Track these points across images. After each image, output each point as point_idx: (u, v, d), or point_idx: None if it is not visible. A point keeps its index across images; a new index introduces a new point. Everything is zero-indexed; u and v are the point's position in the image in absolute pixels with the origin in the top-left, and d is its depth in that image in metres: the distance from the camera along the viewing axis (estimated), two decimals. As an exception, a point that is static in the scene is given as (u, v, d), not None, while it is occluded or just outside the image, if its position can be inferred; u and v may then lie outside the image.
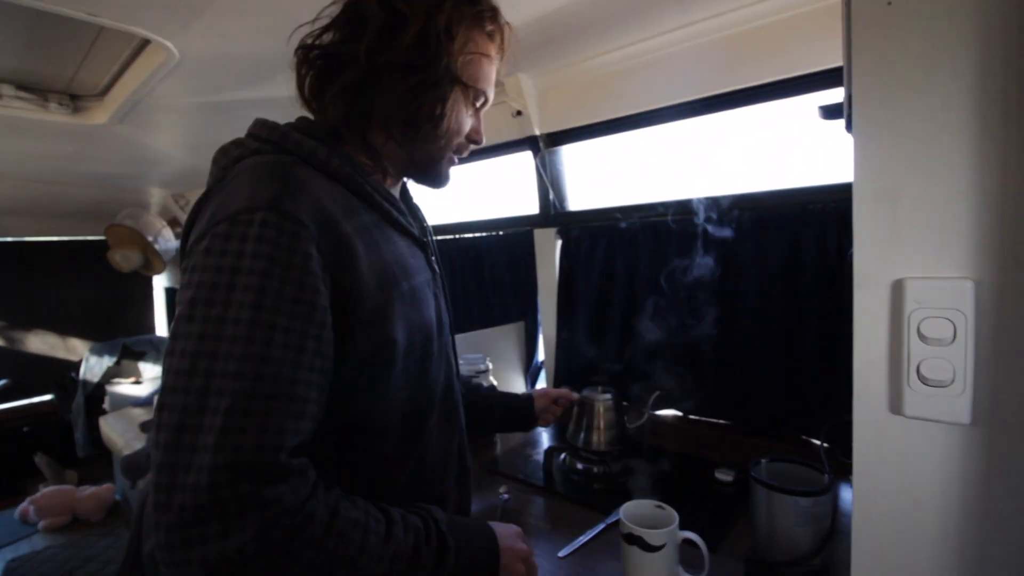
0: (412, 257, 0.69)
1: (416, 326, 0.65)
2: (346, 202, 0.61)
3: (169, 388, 0.48)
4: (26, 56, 1.47)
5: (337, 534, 0.50)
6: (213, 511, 0.44)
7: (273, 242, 0.50)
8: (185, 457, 0.46)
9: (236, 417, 0.46)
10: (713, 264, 1.37)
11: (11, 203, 2.94)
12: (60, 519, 2.77)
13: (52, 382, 3.35)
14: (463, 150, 0.75)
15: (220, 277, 0.49)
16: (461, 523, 0.66)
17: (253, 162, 0.59)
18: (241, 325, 0.48)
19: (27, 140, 2.01)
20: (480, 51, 0.69)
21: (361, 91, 0.64)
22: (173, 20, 1.14)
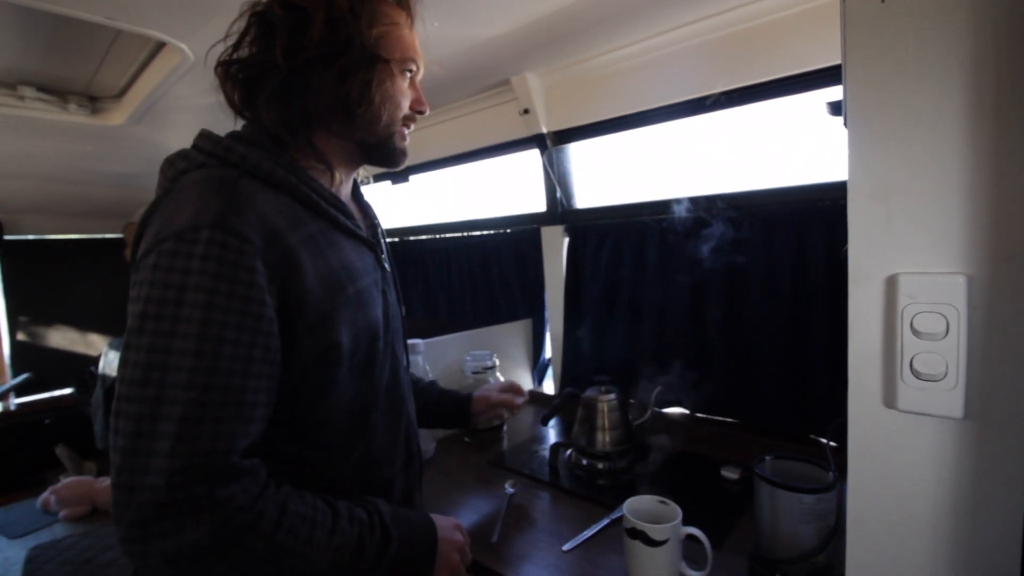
0: (359, 260, 0.71)
1: (362, 328, 0.67)
2: (291, 212, 0.62)
3: (124, 397, 0.52)
4: (46, 59, 1.51)
5: (286, 529, 0.55)
6: (170, 510, 0.48)
7: (219, 259, 0.53)
8: (142, 461, 0.49)
9: (189, 425, 0.50)
10: (720, 262, 1.37)
11: (32, 202, 3.02)
12: (80, 509, 2.84)
13: (72, 376, 3.43)
14: (409, 122, 0.76)
15: (168, 293, 0.52)
16: (404, 515, 0.70)
17: (198, 176, 0.60)
18: (190, 340, 0.51)
19: (48, 140, 2.07)
20: (390, 21, 0.69)
21: (289, 94, 0.65)
22: (187, 22, 1.17)
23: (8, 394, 3.25)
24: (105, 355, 3.34)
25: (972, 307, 0.40)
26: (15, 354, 3.34)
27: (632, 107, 1.40)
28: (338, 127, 0.69)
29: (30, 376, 3.31)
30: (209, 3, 1.10)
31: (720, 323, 1.40)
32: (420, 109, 0.76)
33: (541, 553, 0.97)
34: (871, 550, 0.45)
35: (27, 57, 1.49)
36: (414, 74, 0.75)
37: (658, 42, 1.27)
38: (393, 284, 0.82)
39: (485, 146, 1.71)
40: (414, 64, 0.73)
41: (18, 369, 3.33)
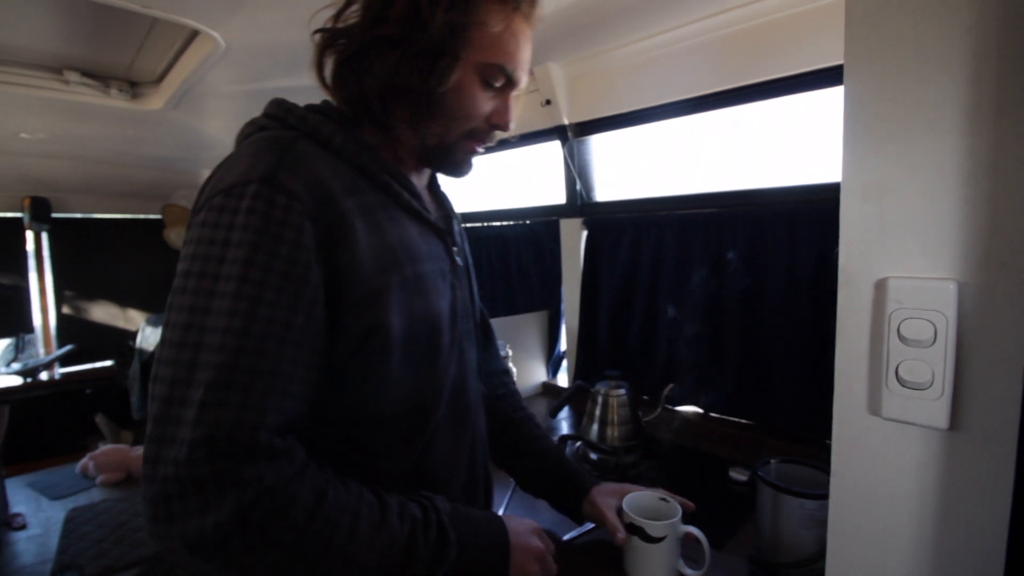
0: (424, 243, 0.64)
1: (419, 316, 0.61)
2: (350, 179, 0.58)
3: (161, 360, 0.48)
4: (90, 45, 1.58)
5: (323, 519, 0.48)
6: (192, 486, 0.44)
7: (264, 215, 0.49)
8: (170, 430, 0.45)
9: (216, 391, 0.45)
10: (740, 260, 1.34)
11: (78, 182, 3.17)
12: (116, 475, 2.99)
13: (112, 349, 3.61)
14: (483, 136, 0.68)
15: (212, 250, 0.49)
16: (469, 515, 0.61)
17: (256, 137, 0.58)
18: (227, 298, 0.47)
19: (91, 123, 2.16)
20: (481, 19, 0.60)
21: (355, 69, 0.61)
22: (218, 10, 1.20)
23: (54, 364, 3.44)
24: (142, 330, 3.50)
25: (962, 315, 0.39)
26: (60, 326, 3.53)
27: (656, 99, 1.38)
28: (396, 116, 0.63)
29: (74, 347, 3.50)
30: (239, -8, 1.13)
31: (737, 322, 1.37)
32: (499, 124, 0.66)
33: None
34: (851, 558, 0.45)
35: (71, 43, 1.56)
36: (504, 87, 0.65)
37: (683, 33, 1.24)
38: (467, 281, 0.75)
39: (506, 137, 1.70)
40: (502, 73, 0.63)
41: (63, 340, 3.52)
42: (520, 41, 0.64)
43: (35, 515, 2.66)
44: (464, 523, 0.60)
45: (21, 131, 2.25)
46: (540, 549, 0.67)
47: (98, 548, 2.33)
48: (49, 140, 2.42)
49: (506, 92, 0.66)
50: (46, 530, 2.51)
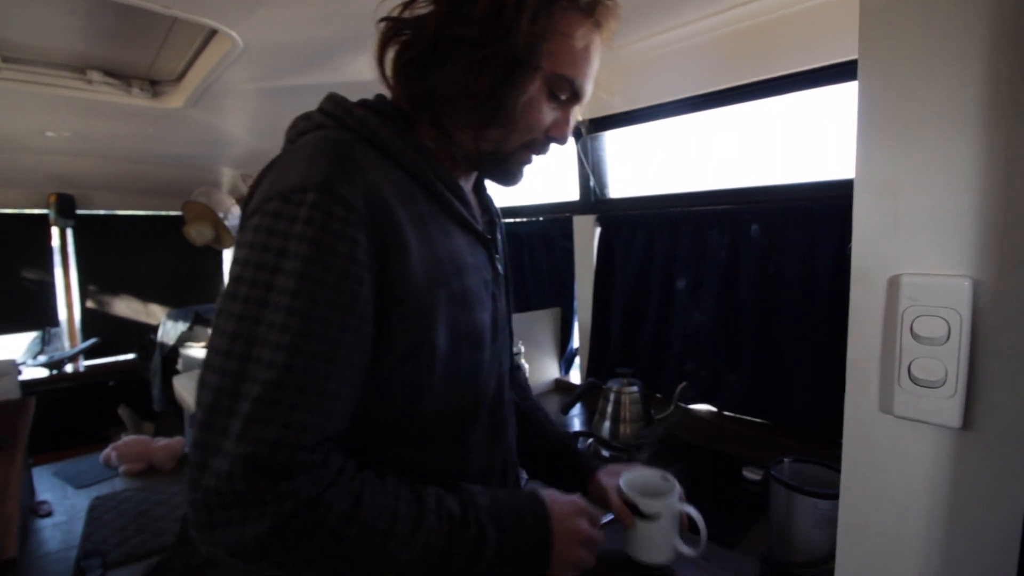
0: (471, 255, 0.63)
1: (464, 331, 0.60)
2: (404, 188, 0.57)
3: (209, 366, 0.48)
4: (112, 45, 1.61)
5: (360, 524, 0.49)
6: (232, 499, 0.45)
7: (321, 226, 0.48)
8: (215, 439, 0.46)
9: (262, 407, 0.46)
10: (755, 257, 1.33)
11: (101, 179, 3.24)
12: (137, 465, 3.07)
13: (135, 342, 3.69)
14: (540, 147, 0.66)
15: (266, 258, 0.48)
16: (509, 507, 0.59)
17: (314, 137, 0.57)
18: (279, 311, 0.47)
19: (114, 121, 2.21)
20: (563, 30, 0.58)
21: (425, 65, 0.59)
22: (235, 10, 1.22)
23: (78, 356, 3.53)
24: (163, 324, 3.57)
25: (976, 312, 0.38)
26: (85, 320, 3.62)
27: (670, 95, 1.37)
28: (461, 117, 0.61)
29: (97, 341, 3.59)
30: (256, -8, 1.14)
31: (753, 321, 1.36)
32: (557, 137, 0.65)
33: (550, 537, 0.98)
34: (861, 558, 0.44)
35: (95, 43, 1.59)
36: (569, 100, 0.63)
37: (699, 27, 1.23)
38: (505, 289, 0.73)
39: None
40: (570, 87, 0.61)
41: (87, 334, 3.61)
42: (594, 57, 0.63)
43: (60, 503, 2.74)
44: (504, 516, 0.58)
45: (47, 129, 2.31)
46: (585, 532, 0.63)
47: (120, 536, 2.39)
48: (73, 138, 2.48)
49: (569, 105, 0.64)
50: (71, 517, 2.59)
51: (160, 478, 3.02)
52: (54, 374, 3.40)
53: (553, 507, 0.62)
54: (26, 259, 3.38)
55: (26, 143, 2.54)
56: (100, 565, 2.15)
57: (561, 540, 0.60)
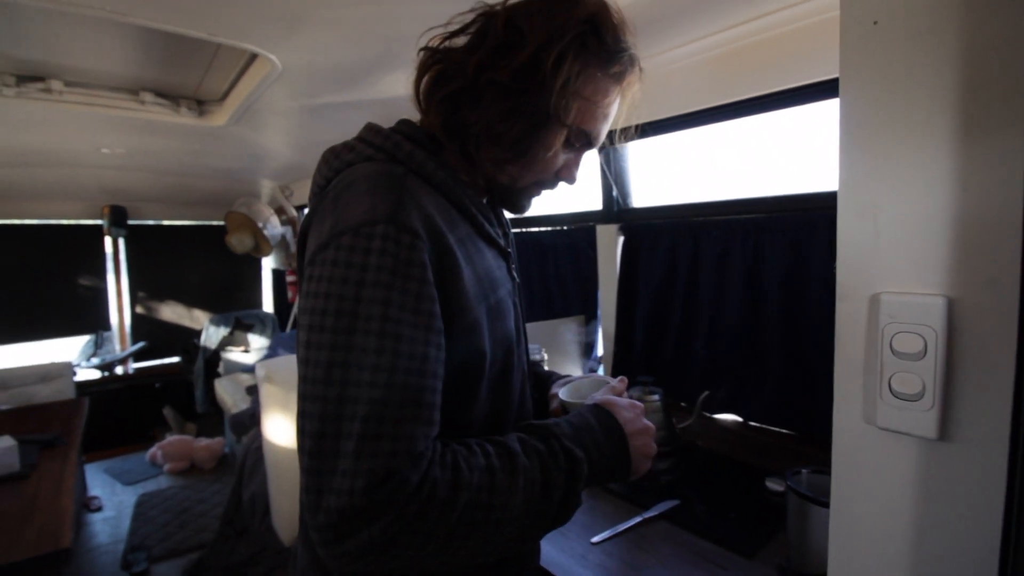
0: (498, 269, 0.69)
1: (500, 339, 0.65)
2: (447, 213, 0.62)
3: (308, 396, 0.51)
4: (162, 69, 1.73)
5: (466, 487, 0.52)
6: (358, 512, 0.48)
7: (394, 255, 0.52)
8: (329, 463, 0.49)
9: (373, 424, 0.49)
10: (780, 266, 1.32)
11: (151, 192, 3.45)
12: (181, 464, 3.22)
13: (179, 346, 3.88)
14: (550, 186, 0.72)
15: (347, 289, 0.51)
16: (585, 424, 0.64)
17: (367, 170, 0.60)
18: (371, 336, 0.50)
19: (163, 138, 2.36)
20: (592, 94, 0.63)
21: (460, 103, 0.64)
22: (274, 35, 1.31)
23: (128, 359, 3.73)
24: (206, 329, 3.75)
25: (952, 329, 0.40)
26: (134, 324, 3.83)
27: (692, 105, 1.38)
28: (485, 154, 0.66)
29: (145, 344, 3.79)
30: (293, 18, 1.22)
31: (778, 330, 1.35)
32: (566, 178, 0.71)
33: (569, 542, 1.01)
34: (850, 564, 0.45)
35: (146, 67, 1.72)
36: (582, 147, 0.69)
37: (721, 39, 1.24)
38: (520, 296, 0.79)
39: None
40: (586, 138, 0.67)
41: (136, 338, 3.82)
42: (613, 114, 0.67)
43: (110, 498, 2.90)
44: (584, 434, 0.63)
45: (103, 146, 2.48)
46: (651, 428, 0.69)
47: (164, 532, 2.52)
48: (126, 154, 2.65)
49: (581, 152, 0.70)
50: (119, 512, 2.74)
51: (202, 476, 3.16)
52: (105, 376, 3.61)
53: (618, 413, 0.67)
54: (81, 266, 3.62)
55: (83, 159, 2.74)
56: (145, 559, 2.27)
57: (635, 439, 0.66)
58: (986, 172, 0.36)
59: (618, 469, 0.64)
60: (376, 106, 1.84)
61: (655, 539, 1.03)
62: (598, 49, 0.62)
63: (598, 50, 0.62)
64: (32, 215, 3.38)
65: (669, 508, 1.12)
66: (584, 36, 0.61)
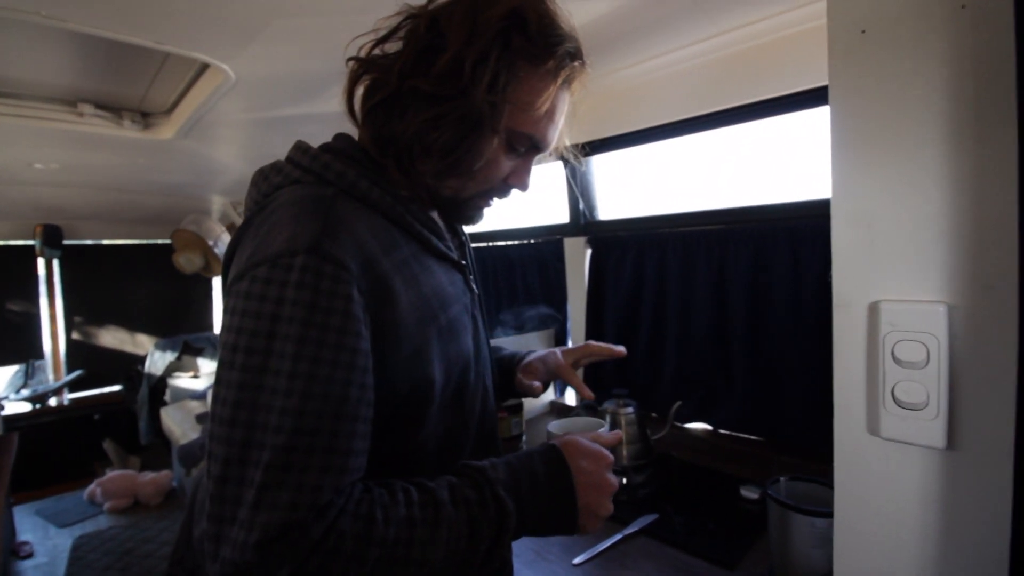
0: (450, 285, 0.65)
1: (453, 360, 0.62)
2: (386, 235, 0.58)
3: (214, 437, 0.49)
4: (104, 79, 1.63)
5: (379, 542, 0.49)
6: (254, 564, 0.45)
7: (313, 287, 0.49)
8: (229, 510, 0.46)
9: (275, 472, 0.46)
10: (744, 276, 1.35)
11: (90, 209, 3.23)
12: (123, 501, 2.99)
13: (120, 374, 3.62)
14: (499, 194, 0.68)
15: (260, 324, 0.48)
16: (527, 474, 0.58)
17: (293, 195, 0.57)
18: (281, 377, 0.47)
19: (104, 153, 2.21)
20: (524, 95, 0.59)
21: (387, 112, 0.60)
22: (229, 45, 1.25)
23: (63, 389, 3.45)
24: (151, 355, 3.52)
25: (953, 336, 0.40)
26: (70, 351, 3.55)
27: (656, 119, 1.40)
28: (420, 166, 0.62)
29: (82, 373, 3.52)
30: (249, 28, 1.16)
31: (744, 338, 1.37)
32: (516, 185, 0.66)
33: (550, 564, 0.98)
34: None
35: (86, 77, 1.61)
36: (528, 151, 0.64)
37: (682, 55, 1.27)
38: (480, 307, 0.75)
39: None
40: (530, 141, 0.63)
41: (72, 366, 3.54)
42: (558, 114, 0.63)
43: (42, 543, 2.65)
44: (522, 484, 0.57)
45: (35, 162, 2.30)
46: (611, 484, 0.62)
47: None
48: (62, 170, 2.47)
49: (529, 156, 0.66)
50: (53, 558, 2.50)
51: (147, 514, 2.94)
52: (37, 408, 3.31)
53: (574, 460, 0.61)
54: (11, 290, 3.34)
55: (13, 175, 2.53)
56: (84, 607, 2.07)
57: (588, 494, 0.59)
58: (978, 176, 0.37)
59: (560, 525, 0.59)
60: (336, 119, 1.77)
61: (637, 556, 1.01)
62: (525, 46, 0.58)
63: (526, 47, 0.58)
64: (-49, 236, 3.11)
65: (648, 523, 1.11)
66: (507, 32, 0.57)
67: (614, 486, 0.62)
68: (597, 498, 0.60)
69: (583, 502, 0.59)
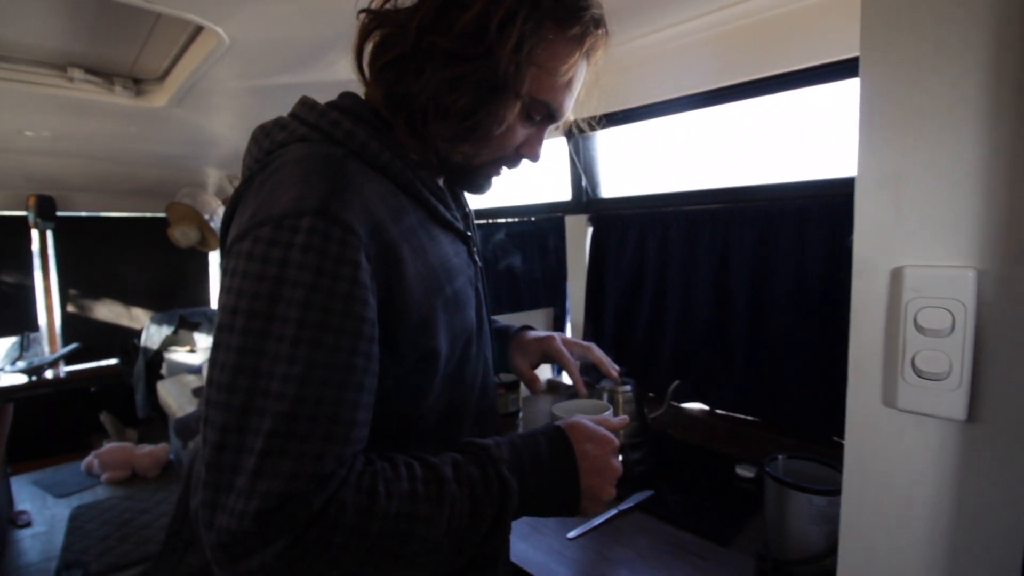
0: (456, 256, 0.64)
1: (458, 332, 0.61)
2: (395, 201, 0.56)
3: (212, 402, 0.47)
4: (93, 42, 1.58)
5: (381, 515, 0.48)
6: (252, 533, 0.44)
7: (320, 251, 0.47)
8: (226, 478, 0.45)
9: (277, 440, 0.45)
10: (747, 256, 1.34)
11: (83, 180, 3.18)
12: (121, 473, 3.01)
13: (117, 347, 3.62)
14: (510, 163, 0.66)
15: (262, 287, 0.46)
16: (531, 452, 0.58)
17: (299, 152, 0.54)
18: (284, 342, 0.45)
19: (95, 121, 2.17)
20: (548, 60, 0.57)
21: (403, 72, 0.57)
22: (223, 6, 1.20)
23: (59, 362, 3.44)
24: (147, 328, 3.51)
25: (981, 304, 0.38)
26: (65, 324, 3.54)
27: (665, 94, 1.37)
28: (433, 129, 0.59)
29: (79, 346, 3.51)
30: (243, -13, 1.12)
31: (744, 318, 1.36)
32: (528, 155, 0.65)
33: (544, 538, 0.98)
34: (865, 552, 0.44)
35: (75, 40, 1.55)
36: (543, 120, 0.62)
37: (687, 28, 1.23)
38: (483, 280, 0.74)
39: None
40: (547, 110, 0.61)
41: (68, 339, 3.53)
42: (576, 84, 0.61)
43: (40, 512, 2.67)
44: (527, 465, 0.57)
45: (26, 129, 2.25)
46: (614, 468, 0.62)
47: (103, 545, 2.34)
48: (54, 138, 2.42)
49: (544, 125, 0.64)
50: (51, 527, 2.53)
51: (144, 486, 2.97)
52: (33, 380, 3.31)
53: (579, 444, 0.60)
54: (4, 262, 3.30)
55: (4, 143, 2.48)
56: (82, 575, 2.10)
57: (591, 477, 0.59)
58: (1018, 141, 0.34)
59: (561, 507, 0.59)
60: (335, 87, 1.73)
61: (631, 531, 1.01)
62: (554, 8, 0.55)
63: (554, 9, 0.56)
64: (-59, 205, 3.06)
65: (644, 499, 1.11)
66: None
67: (618, 471, 0.62)
68: (600, 482, 0.60)
69: (585, 484, 0.59)
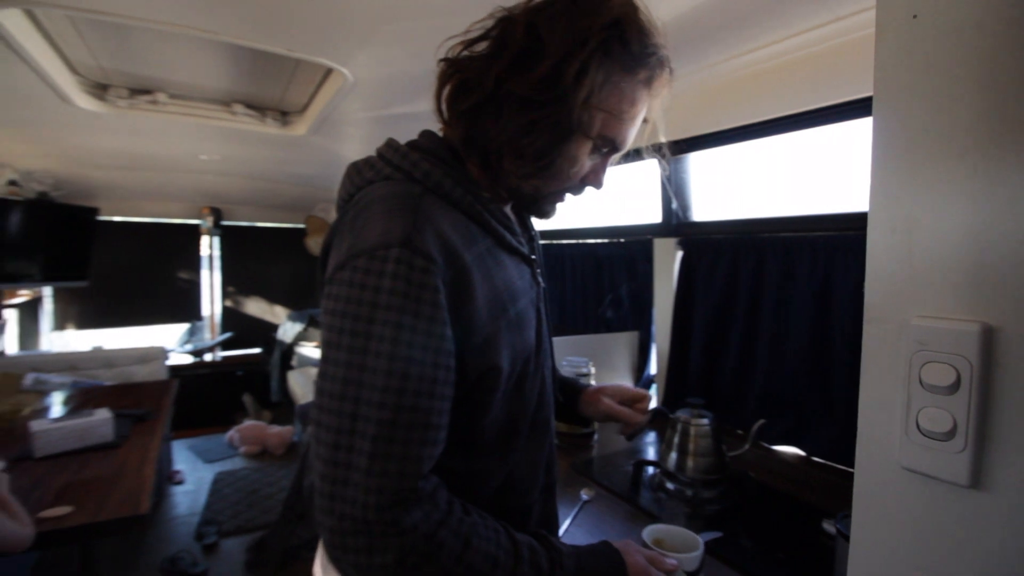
0: (519, 278, 0.68)
1: (519, 351, 0.65)
2: (465, 230, 0.61)
3: (324, 408, 0.54)
4: (250, 82, 1.89)
5: (466, 565, 0.54)
6: (364, 528, 0.51)
7: (406, 278, 0.53)
8: (342, 472, 0.52)
9: (381, 444, 0.51)
10: (851, 288, 1.22)
11: (241, 195, 3.76)
12: (254, 448, 3.46)
13: (261, 338, 4.18)
14: (575, 192, 0.70)
15: (361, 310, 0.53)
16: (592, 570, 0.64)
17: (384, 191, 0.61)
18: (382, 358, 0.52)
19: (252, 147, 2.57)
20: (617, 103, 0.61)
21: (481, 114, 0.62)
22: (345, 50, 1.39)
23: (216, 347, 4.07)
24: (284, 324, 4.02)
25: (991, 361, 0.34)
26: (223, 316, 4.18)
27: (759, 115, 1.31)
28: (507, 165, 0.64)
29: (232, 335, 4.12)
30: (361, 35, 1.29)
31: (846, 357, 1.24)
32: (592, 183, 0.69)
33: (597, 563, 0.97)
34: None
35: (237, 81, 1.88)
36: (608, 152, 0.67)
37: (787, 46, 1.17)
38: (544, 300, 0.78)
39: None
40: (612, 144, 0.65)
41: (224, 328, 4.16)
42: (640, 118, 0.65)
43: (192, 473, 3.16)
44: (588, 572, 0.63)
45: (201, 153, 2.73)
46: None
47: (234, 509, 2.71)
48: (221, 160, 2.90)
49: (608, 156, 0.67)
50: (198, 487, 2.98)
51: (272, 461, 3.37)
52: (196, 361, 3.95)
53: (629, 558, 0.67)
54: (181, 262, 4.01)
55: (185, 165, 3.03)
56: (216, 532, 2.45)
57: None
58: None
59: None
60: (441, 116, 1.90)
61: (692, 571, 0.97)
62: (623, 55, 0.59)
63: (623, 56, 0.59)
64: (141, 213, 3.80)
65: (711, 539, 1.05)
66: (608, 42, 0.58)
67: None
68: None
69: None
